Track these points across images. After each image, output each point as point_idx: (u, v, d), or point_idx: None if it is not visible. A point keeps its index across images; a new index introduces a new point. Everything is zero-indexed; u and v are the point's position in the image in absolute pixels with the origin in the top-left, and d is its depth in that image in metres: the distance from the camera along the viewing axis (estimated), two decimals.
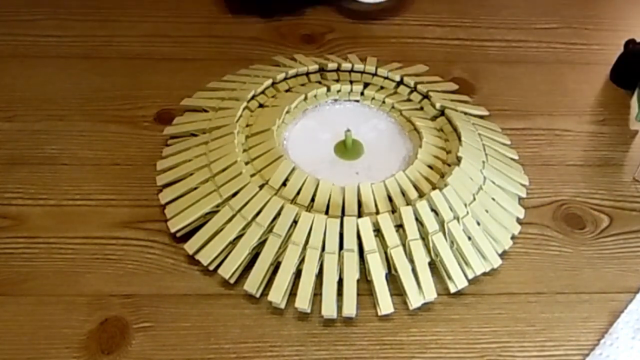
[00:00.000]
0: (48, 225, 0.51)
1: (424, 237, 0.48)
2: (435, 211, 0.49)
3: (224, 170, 0.51)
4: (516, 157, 0.58)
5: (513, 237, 0.52)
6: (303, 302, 0.45)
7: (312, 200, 0.49)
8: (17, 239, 0.50)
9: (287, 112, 0.56)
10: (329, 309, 0.45)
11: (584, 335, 0.47)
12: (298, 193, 0.49)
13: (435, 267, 0.48)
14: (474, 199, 0.51)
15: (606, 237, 0.53)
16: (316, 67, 0.61)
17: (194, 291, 0.47)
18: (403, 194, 0.50)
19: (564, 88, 0.66)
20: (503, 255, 0.50)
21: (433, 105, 0.59)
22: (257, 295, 0.46)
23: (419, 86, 0.61)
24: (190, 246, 0.48)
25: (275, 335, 0.45)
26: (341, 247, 0.47)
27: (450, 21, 0.73)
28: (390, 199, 0.50)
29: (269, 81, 0.59)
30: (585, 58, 0.70)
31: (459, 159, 0.52)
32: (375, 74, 0.62)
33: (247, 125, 0.56)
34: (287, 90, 0.60)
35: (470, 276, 0.48)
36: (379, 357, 0.45)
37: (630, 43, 0.67)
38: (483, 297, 0.48)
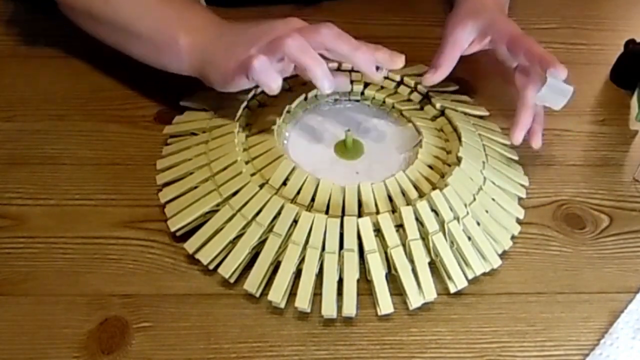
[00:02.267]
0: (48, 225, 0.51)
1: (424, 237, 0.48)
2: (435, 211, 0.49)
3: (224, 169, 0.51)
4: (516, 157, 0.58)
5: (513, 237, 0.52)
6: (303, 301, 0.45)
7: (312, 199, 0.49)
8: (17, 239, 0.50)
9: (288, 111, 0.56)
10: (329, 309, 0.45)
11: (584, 335, 0.47)
12: (298, 193, 0.49)
13: (435, 267, 0.48)
14: (474, 199, 0.51)
15: (606, 237, 0.53)
16: None
17: (194, 291, 0.47)
18: (403, 194, 0.50)
19: None
20: (503, 255, 0.50)
21: (433, 106, 0.59)
22: (257, 295, 0.46)
23: (419, 86, 0.61)
24: (190, 245, 0.48)
25: (275, 335, 0.45)
26: (341, 246, 0.47)
27: None
28: (390, 198, 0.50)
29: None
30: (585, 58, 0.70)
31: (459, 159, 0.52)
32: None
33: (248, 125, 0.56)
34: (287, 90, 0.60)
35: (470, 276, 0.48)
36: (379, 357, 0.45)
37: (630, 43, 0.67)
38: (483, 297, 0.48)
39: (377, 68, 0.52)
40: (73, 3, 0.57)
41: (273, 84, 0.48)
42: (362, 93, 0.60)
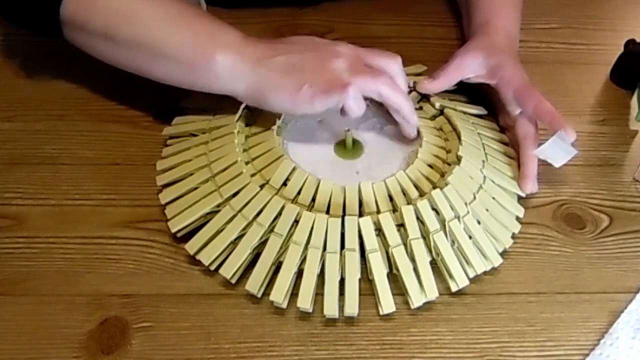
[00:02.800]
0: (48, 225, 0.51)
1: (425, 236, 0.48)
2: (436, 210, 0.49)
3: (224, 170, 0.51)
4: (516, 157, 0.58)
5: (513, 236, 0.52)
6: (305, 302, 0.45)
7: (313, 200, 0.49)
8: (17, 239, 0.50)
9: None
10: (331, 309, 0.45)
11: (584, 335, 0.47)
12: (299, 193, 0.49)
13: (436, 266, 0.48)
14: (475, 198, 0.51)
15: (606, 237, 0.53)
16: None
17: (194, 291, 0.47)
18: (404, 193, 0.50)
19: (564, 88, 0.66)
20: (503, 254, 0.50)
21: (432, 105, 0.59)
22: (259, 296, 0.46)
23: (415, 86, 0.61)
24: (191, 246, 0.48)
25: (275, 335, 0.45)
26: (342, 246, 0.47)
27: (450, 21, 0.73)
28: (391, 198, 0.50)
29: None
30: (585, 58, 0.70)
31: (459, 158, 0.52)
32: None
33: (247, 125, 0.56)
34: None
35: (472, 275, 0.48)
36: (379, 357, 0.45)
37: (630, 43, 0.67)
38: (483, 297, 0.48)
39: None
40: (85, 24, 0.53)
41: (360, 111, 0.51)
42: None
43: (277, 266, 0.47)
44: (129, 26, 0.52)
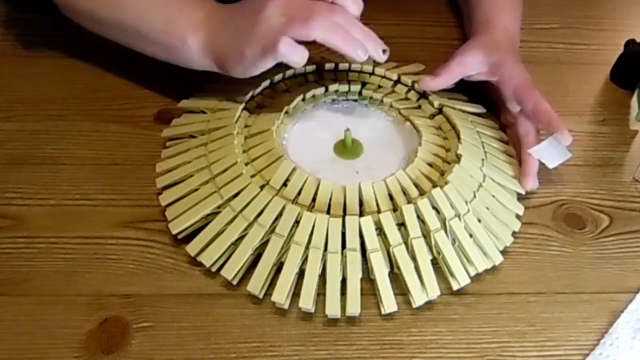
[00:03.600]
0: (48, 225, 0.51)
1: (426, 235, 0.48)
2: (436, 209, 0.49)
3: (224, 171, 0.50)
4: (515, 155, 0.58)
5: (513, 234, 0.52)
6: (307, 302, 0.45)
7: (314, 200, 0.49)
8: (17, 239, 0.50)
9: (286, 112, 0.56)
10: (332, 309, 0.45)
11: (584, 335, 0.47)
12: (299, 193, 0.49)
13: (437, 265, 0.48)
14: (475, 196, 0.51)
15: (606, 237, 0.53)
16: (313, 67, 0.61)
17: (194, 291, 0.47)
18: (404, 192, 0.50)
19: (564, 88, 0.66)
20: (504, 253, 0.50)
21: (431, 104, 0.59)
22: (261, 296, 0.46)
23: (416, 85, 0.61)
24: (192, 248, 0.48)
25: (275, 335, 0.45)
26: (343, 246, 0.47)
27: (450, 21, 0.73)
28: (391, 197, 0.50)
29: (267, 82, 0.59)
30: (585, 58, 0.70)
31: (458, 157, 0.52)
32: (372, 73, 0.62)
33: (246, 126, 0.56)
34: (285, 91, 0.60)
35: (473, 273, 0.48)
36: (379, 357, 0.45)
37: (630, 43, 0.67)
38: (483, 297, 0.48)
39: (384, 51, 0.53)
40: (75, 5, 0.56)
41: (303, 59, 0.49)
42: (360, 93, 0.60)
43: (278, 267, 0.47)
44: (111, 9, 0.55)
